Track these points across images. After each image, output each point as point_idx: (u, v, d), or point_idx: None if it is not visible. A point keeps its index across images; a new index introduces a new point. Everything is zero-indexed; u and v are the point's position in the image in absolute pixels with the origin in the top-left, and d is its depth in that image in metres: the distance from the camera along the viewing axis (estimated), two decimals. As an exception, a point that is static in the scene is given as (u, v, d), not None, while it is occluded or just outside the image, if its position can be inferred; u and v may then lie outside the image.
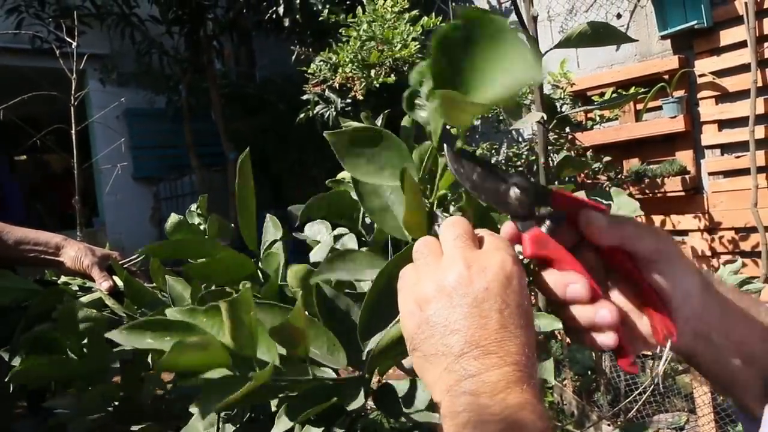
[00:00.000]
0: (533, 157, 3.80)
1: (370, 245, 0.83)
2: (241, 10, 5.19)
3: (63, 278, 1.20)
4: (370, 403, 0.64)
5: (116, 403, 0.87)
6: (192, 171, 6.47)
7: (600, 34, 0.87)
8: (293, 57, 4.40)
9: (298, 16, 4.49)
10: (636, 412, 3.16)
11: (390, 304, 0.51)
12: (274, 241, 0.83)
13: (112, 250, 1.25)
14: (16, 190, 7.95)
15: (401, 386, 0.66)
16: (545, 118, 0.90)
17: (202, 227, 0.97)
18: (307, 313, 0.57)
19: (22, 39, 5.37)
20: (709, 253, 3.50)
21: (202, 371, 0.53)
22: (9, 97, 4.45)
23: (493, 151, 4.24)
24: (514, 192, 0.47)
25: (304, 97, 4.38)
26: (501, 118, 3.68)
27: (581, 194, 0.50)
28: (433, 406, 0.62)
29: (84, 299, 1.06)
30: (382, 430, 1.37)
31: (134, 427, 0.87)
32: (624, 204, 0.86)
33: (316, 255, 0.86)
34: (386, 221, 0.63)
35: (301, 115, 4.51)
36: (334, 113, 4.45)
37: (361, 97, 3.72)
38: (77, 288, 1.13)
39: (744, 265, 3.29)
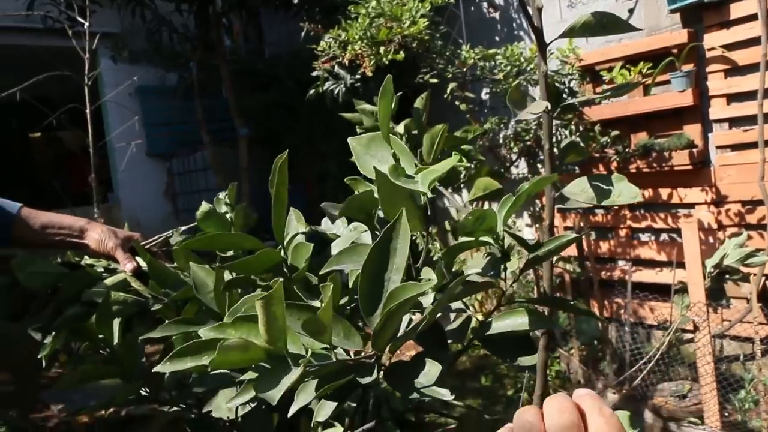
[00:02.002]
0: (541, 132, 3.83)
1: None
2: (250, -14, 5.21)
3: (87, 260, 1.26)
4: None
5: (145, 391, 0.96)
6: (204, 147, 6.54)
7: (604, 24, 0.91)
8: (302, 34, 4.43)
9: (307, -7, 4.50)
10: (641, 380, 3.25)
11: (377, 284, 0.59)
12: (296, 234, 0.89)
13: (130, 229, 1.30)
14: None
15: (411, 364, 0.72)
16: (549, 107, 0.95)
17: (228, 216, 1.02)
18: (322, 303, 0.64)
19: (34, 18, 5.41)
20: (715, 226, 3.54)
21: (245, 366, 0.60)
22: (23, 76, 4.52)
23: (502, 125, 4.27)
24: None
25: (314, 73, 4.41)
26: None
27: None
28: (440, 382, 0.68)
29: (109, 281, 1.12)
30: (393, 399, 1.46)
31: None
32: (624, 190, 0.90)
33: (338, 246, 0.92)
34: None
35: (311, 92, 4.55)
36: (344, 89, 4.48)
37: (370, 74, 3.75)
38: (102, 270, 1.18)
39: (749, 237, 3.33)
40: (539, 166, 4.33)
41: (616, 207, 4.02)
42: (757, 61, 3.12)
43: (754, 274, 3.18)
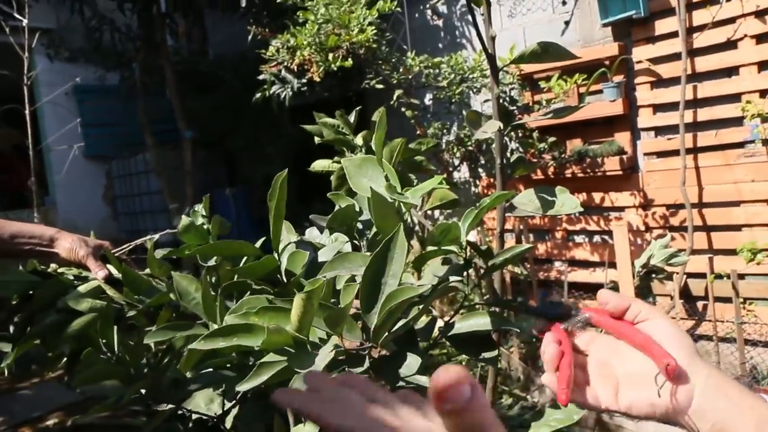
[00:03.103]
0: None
1: (362, 248, 1.01)
2: (196, -13, 5.18)
3: (53, 268, 1.28)
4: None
5: (143, 391, 1.01)
6: (145, 149, 6.42)
7: (549, 52, 1.02)
8: (249, 37, 4.44)
9: (254, -4, 4.52)
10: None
11: (375, 287, 0.71)
12: (288, 243, 0.98)
13: (94, 238, 1.33)
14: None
15: (394, 357, 0.81)
16: (502, 126, 1.06)
17: (205, 227, 1.08)
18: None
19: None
20: (643, 228, 3.78)
21: (277, 349, 0.70)
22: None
23: (445, 130, 4.41)
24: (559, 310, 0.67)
25: (261, 77, 4.44)
26: (452, 100, 3.84)
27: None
28: (423, 371, 0.78)
29: (82, 288, 1.14)
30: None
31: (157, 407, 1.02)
32: (567, 202, 1.00)
33: (324, 255, 1.01)
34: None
35: (258, 95, 4.57)
36: (291, 93, 4.53)
37: (318, 79, 3.81)
38: (73, 277, 1.20)
39: (673, 239, 3.59)
40: (480, 170, 4.50)
41: (553, 210, 4.23)
42: (679, 74, 3.36)
43: (677, 273, 3.42)
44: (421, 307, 0.82)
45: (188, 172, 5.89)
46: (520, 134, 3.96)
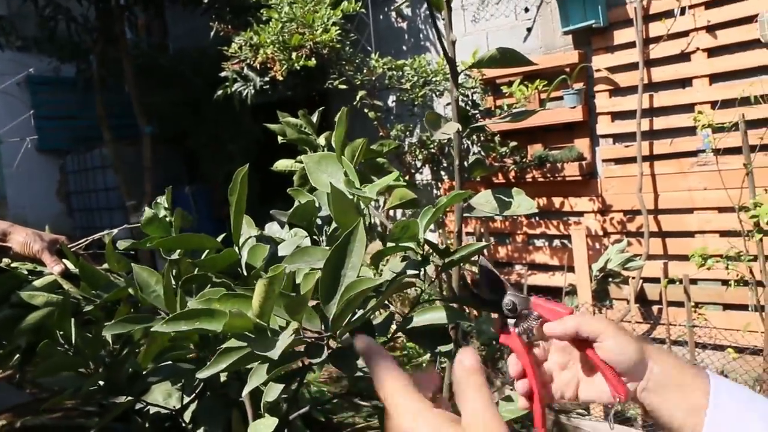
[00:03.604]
0: (444, 141, 4.00)
1: (321, 243, 1.02)
2: (156, -20, 5.06)
3: (6, 262, 1.24)
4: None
5: (101, 382, 0.99)
6: (102, 144, 6.25)
7: (507, 59, 1.03)
8: (212, 33, 4.37)
9: (218, -8, 4.44)
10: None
11: (335, 278, 0.73)
12: (249, 237, 0.97)
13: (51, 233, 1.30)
14: None
15: (352, 349, 0.81)
16: (461, 128, 1.06)
17: (168, 219, 1.06)
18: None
19: None
20: (601, 233, 3.86)
21: (237, 333, 0.71)
22: None
23: (408, 132, 4.42)
24: (508, 300, 0.69)
25: (222, 74, 4.37)
26: (415, 103, 3.85)
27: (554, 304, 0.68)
28: None
29: (37, 283, 1.12)
30: (302, 401, 1.53)
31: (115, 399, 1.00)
32: (523, 203, 1.02)
33: (284, 249, 1.02)
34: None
35: (219, 92, 4.50)
36: (253, 91, 4.47)
37: (281, 78, 3.78)
38: (27, 272, 1.17)
39: (630, 244, 3.67)
40: (442, 173, 4.52)
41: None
42: (636, 83, 3.44)
43: (633, 278, 3.50)
44: (378, 299, 0.84)
45: (147, 168, 5.76)
46: (482, 138, 3.99)
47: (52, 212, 7.10)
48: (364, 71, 3.89)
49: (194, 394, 0.97)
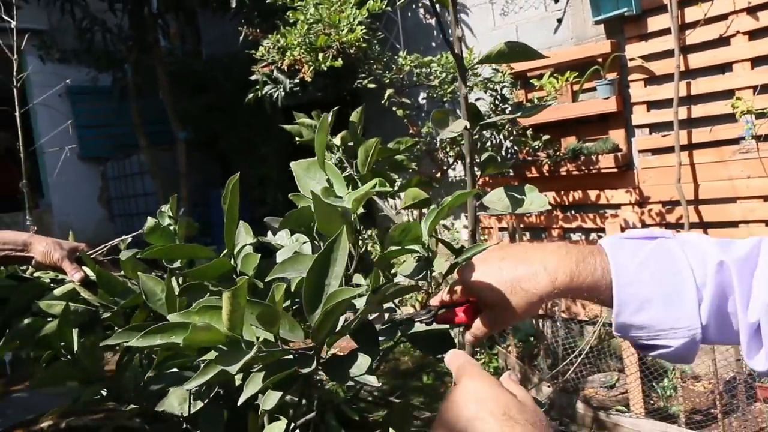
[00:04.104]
0: (476, 136, 3.96)
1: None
2: (186, -12, 5.15)
3: (29, 271, 1.28)
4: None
5: (104, 392, 1.01)
6: (140, 150, 6.40)
7: (516, 52, 1.01)
8: (241, 38, 4.42)
9: (245, -3, 4.49)
10: (573, 373, 3.42)
11: (319, 288, 0.73)
12: (245, 245, 0.97)
13: (62, 236, 1.33)
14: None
15: (345, 357, 0.81)
16: (469, 126, 1.04)
17: (172, 228, 1.07)
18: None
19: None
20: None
21: (207, 346, 0.71)
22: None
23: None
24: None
25: (253, 77, 4.41)
26: (444, 99, 3.81)
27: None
28: (371, 371, 0.79)
29: (58, 291, 1.14)
30: (337, 398, 1.52)
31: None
32: (536, 199, 1.00)
33: (282, 256, 1.01)
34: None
35: (250, 96, 4.55)
36: (283, 93, 4.50)
37: (309, 79, 3.79)
38: (49, 281, 1.20)
39: (669, 236, 3.56)
40: (475, 168, 4.47)
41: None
42: (672, 71, 3.33)
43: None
44: (367, 307, 0.82)
45: (182, 173, 5.87)
46: (513, 132, 3.93)
47: (95, 218, 7.31)
48: (393, 69, 3.87)
49: (208, 399, 0.97)
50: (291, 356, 0.77)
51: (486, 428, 0.48)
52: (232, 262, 0.95)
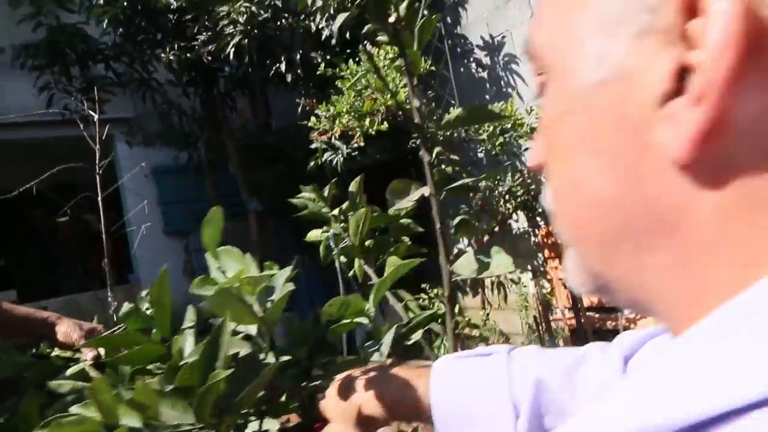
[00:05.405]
0: (533, 186, 3.87)
1: None
2: (248, 68, 5.45)
3: (47, 351, 1.36)
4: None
5: None
6: (218, 222, 6.69)
7: (478, 115, 0.99)
8: (299, 109, 4.61)
9: (299, 71, 4.71)
10: None
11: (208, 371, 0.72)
12: (185, 328, 0.97)
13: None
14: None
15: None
16: (433, 191, 1.01)
17: (149, 312, 1.10)
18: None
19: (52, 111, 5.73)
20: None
21: None
22: (45, 166, 4.78)
23: (497, 181, 4.32)
24: None
25: (313, 145, 4.57)
26: (494, 152, 3.77)
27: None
28: None
29: (69, 371, 1.20)
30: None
31: None
32: (501, 262, 0.96)
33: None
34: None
35: (311, 164, 4.70)
36: (342, 159, 4.62)
37: (362, 144, 3.88)
38: (65, 359, 1.27)
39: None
40: (538, 219, 4.35)
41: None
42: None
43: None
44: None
45: (254, 242, 6.08)
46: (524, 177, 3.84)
47: (181, 289, 7.63)
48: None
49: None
50: None
51: None
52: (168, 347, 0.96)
